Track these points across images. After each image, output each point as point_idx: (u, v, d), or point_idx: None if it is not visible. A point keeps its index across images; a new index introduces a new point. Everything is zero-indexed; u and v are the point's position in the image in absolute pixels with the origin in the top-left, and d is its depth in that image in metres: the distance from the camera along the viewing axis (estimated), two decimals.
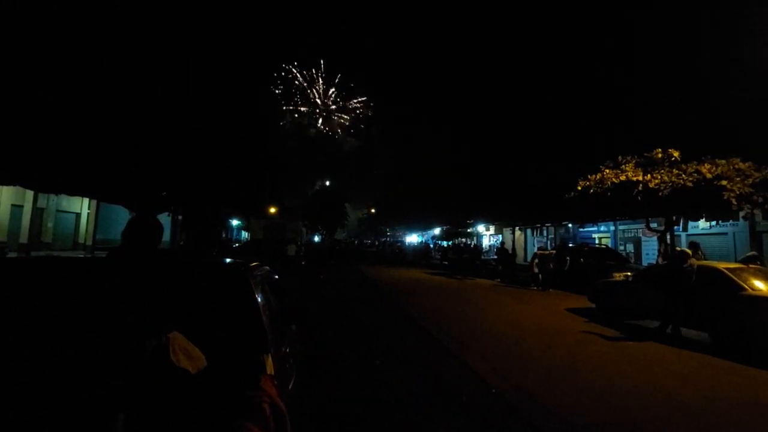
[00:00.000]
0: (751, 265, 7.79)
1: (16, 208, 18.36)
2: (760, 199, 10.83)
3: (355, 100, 67.76)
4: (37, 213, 19.41)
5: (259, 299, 2.32)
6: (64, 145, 12.27)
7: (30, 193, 18.02)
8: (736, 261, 11.04)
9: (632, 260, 18.92)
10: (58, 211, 21.26)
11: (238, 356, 2.04)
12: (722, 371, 5.53)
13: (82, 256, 14.34)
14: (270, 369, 1.97)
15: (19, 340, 2.07)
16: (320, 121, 67.02)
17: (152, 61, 11.96)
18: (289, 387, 2.58)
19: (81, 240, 22.55)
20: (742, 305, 6.49)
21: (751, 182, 10.78)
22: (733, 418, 4.07)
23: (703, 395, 4.61)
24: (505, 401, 4.34)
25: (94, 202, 21.48)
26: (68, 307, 2.17)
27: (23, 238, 18.16)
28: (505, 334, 7.57)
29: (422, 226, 53.88)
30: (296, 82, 64.27)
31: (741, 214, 12.09)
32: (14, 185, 15.22)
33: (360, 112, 67.86)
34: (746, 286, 6.66)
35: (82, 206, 22.80)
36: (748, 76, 12.97)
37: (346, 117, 67.77)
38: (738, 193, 10.57)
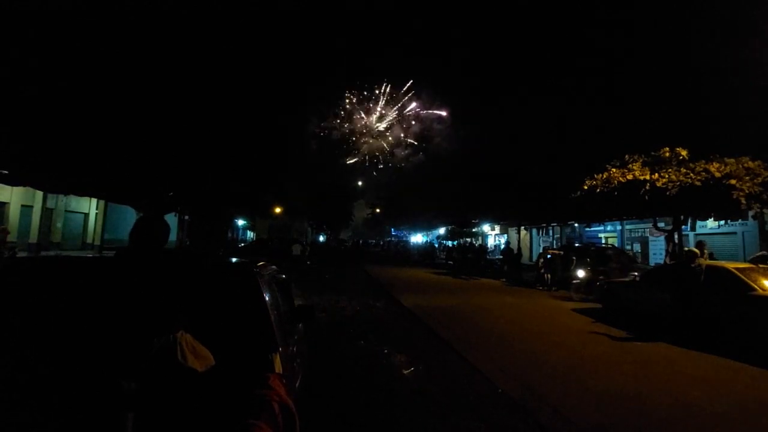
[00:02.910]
0: (760, 265, 7.71)
1: (26, 209, 18.60)
2: None
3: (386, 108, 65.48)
4: (47, 213, 19.63)
5: (267, 298, 2.33)
6: (72, 146, 12.41)
7: (39, 194, 18.24)
8: (745, 261, 10.94)
9: (639, 260, 18.77)
10: (66, 211, 21.49)
11: (247, 355, 2.05)
12: (730, 372, 5.48)
13: (90, 255, 14.49)
14: (278, 367, 1.98)
15: (28, 338, 2.09)
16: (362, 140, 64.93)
17: (162, 65, 12.03)
18: (297, 385, 2.59)
19: (89, 240, 22.79)
20: (752, 305, 6.42)
21: (760, 181, 10.64)
22: (741, 419, 4.03)
23: (710, 396, 4.57)
24: (512, 401, 4.33)
25: (102, 203, 21.70)
26: (77, 306, 2.18)
27: (33, 238, 18.38)
28: (512, 333, 7.54)
29: (427, 225, 53.78)
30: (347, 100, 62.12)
31: (750, 213, 11.93)
32: (24, 186, 15.41)
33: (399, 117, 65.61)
34: (756, 287, 6.59)
35: (91, 206, 23.04)
36: (758, 73, 12.81)
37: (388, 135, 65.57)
38: (747, 192, 10.43)
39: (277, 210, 29.42)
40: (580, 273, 12.89)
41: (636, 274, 10.54)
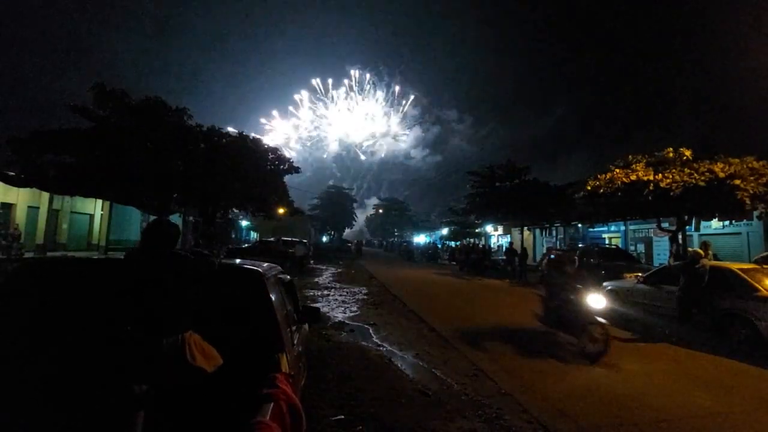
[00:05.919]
0: (765, 266, 7.68)
1: (33, 210, 18.79)
2: None
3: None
4: (53, 214, 19.82)
5: (273, 299, 2.37)
6: (77, 147, 12.52)
7: (45, 195, 18.41)
8: (750, 261, 10.89)
9: (643, 260, 18.70)
10: (72, 212, 21.66)
11: (254, 355, 2.09)
12: (735, 373, 5.47)
13: (97, 256, 14.58)
14: (285, 367, 2.02)
15: (39, 338, 2.13)
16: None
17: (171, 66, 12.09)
18: (302, 384, 2.63)
19: (94, 241, 22.93)
20: (756, 306, 6.40)
21: (765, 181, 10.61)
22: (745, 420, 4.03)
23: (714, 397, 4.57)
24: (515, 401, 4.35)
25: (107, 204, 21.84)
26: (87, 307, 2.22)
27: (39, 239, 18.55)
28: (515, 334, 7.55)
29: (430, 225, 53.71)
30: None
31: (755, 213, 11.90)
32: (30, 187, 15.55)
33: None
34: (760, 287, 6.57)
35: (96, 208, 23.21)
36: (763, 74, 12.75)
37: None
38: (752, 192, 10.40)
39: (281, 211, 29.47)
40: None
41: (639, 274, 10.49)
